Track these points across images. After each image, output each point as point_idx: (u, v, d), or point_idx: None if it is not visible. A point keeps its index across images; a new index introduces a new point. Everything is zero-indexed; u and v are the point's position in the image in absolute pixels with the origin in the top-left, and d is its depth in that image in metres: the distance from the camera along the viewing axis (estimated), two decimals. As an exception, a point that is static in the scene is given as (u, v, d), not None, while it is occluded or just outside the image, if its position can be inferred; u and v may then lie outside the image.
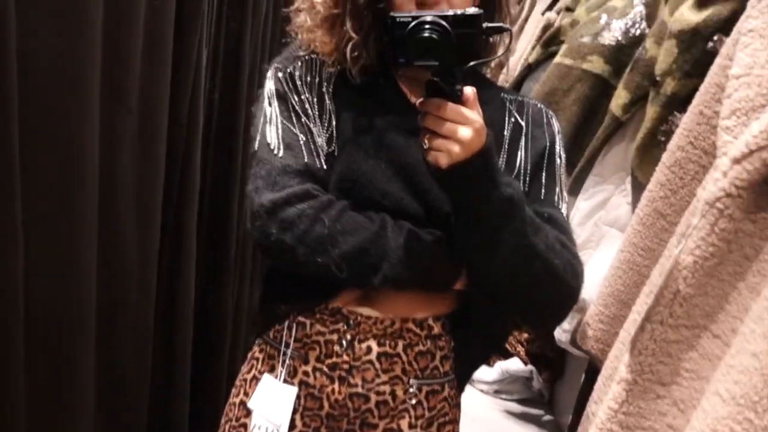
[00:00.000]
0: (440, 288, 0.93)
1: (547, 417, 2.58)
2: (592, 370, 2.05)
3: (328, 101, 0.94)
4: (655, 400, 0.72)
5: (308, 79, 0.95)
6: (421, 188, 0.90)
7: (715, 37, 1.04)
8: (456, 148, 0.77)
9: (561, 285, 0.89)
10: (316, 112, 0.94)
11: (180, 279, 1.43)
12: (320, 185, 0.90)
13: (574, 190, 1.39)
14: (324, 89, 0.95)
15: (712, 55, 0.96)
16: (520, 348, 2.71)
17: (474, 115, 0.77)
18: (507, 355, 2.74)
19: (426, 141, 0.79)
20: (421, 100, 0.79)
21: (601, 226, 1.34)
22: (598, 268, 1.36)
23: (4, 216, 0.87)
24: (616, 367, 0.87)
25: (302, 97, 0.94)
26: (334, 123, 0.93)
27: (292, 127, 0.92)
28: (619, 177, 1.31)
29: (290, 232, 0.86)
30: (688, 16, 1.08)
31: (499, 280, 0.90)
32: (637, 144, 1.19)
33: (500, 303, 0.95)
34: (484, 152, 0.79)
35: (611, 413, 0.75)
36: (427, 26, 0.74)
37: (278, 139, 0.91)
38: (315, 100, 0.94)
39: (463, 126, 0.76)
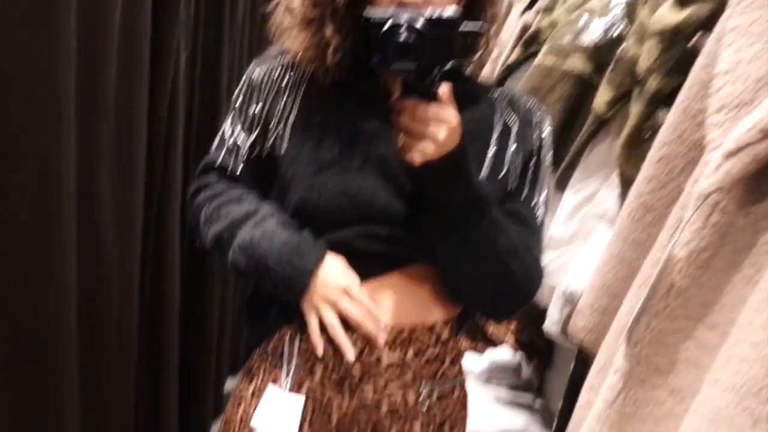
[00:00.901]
0: (280, 287, 0.90)
1: (538, 403, 2.63)
2: (583, 357, 2.09)
3: (298, 101, 0.94)
4: (652, 389, 0.75)
5: (284, 78, 0.96)
6: (399, 182, 0.90)
7: (697, 35, 1.07)
8: (429, 147, 0.78)
9: (515, 288, 0.92)
10: (280, 113, 0.95)
11: (164, 282, 1.43)
12: (237, 180, 0.97)
13: (561, 185, 1.42)
14: (298, 89, 0.95)
15: (694, 53, 0.98)
16: (509, 337, 2.75)
17: (449, 114, 0.78)
18: (496, 345, 2.78)
19: (401, 138, 0.79)
20: (395, 98, 0.79)
21: (588, 219, 1.36)
22: (586, 262, 1.39)
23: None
24: (610, 358, 0.90)
25: (265, 97, 0.95)
26: (301, 122, 0.94)
27: (235, 127, 0.97)
28: (605, 173, 1.34)
29: (195, 218, 0.98)
30: (668, 15, 1.11)
31: (457, 274, 0.91)
32: (623, 141, 1.22)
33: (460, 292, 0.96)
34: (457, 152, 0.80)
35: (608, 402, 0.77)
36: (401, 30, 0.72)
37: (221, 133, 0.99)
38: (285, 99, 0.95)
39: (437, 125, 0.77)
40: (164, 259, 1.42)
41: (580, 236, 1.38)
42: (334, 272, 0.88)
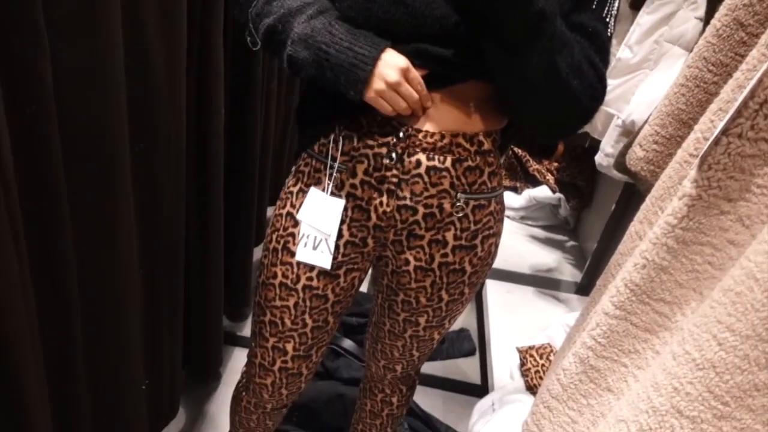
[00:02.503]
0: (350, 85, 0.86)
1: (571, 243, 2.66)
2: (624, 199, 2.06)
3: None
4: (718, 216, 0.70)
5: None
6: None
7: None
8: None
9: (575, 106, 0.87)
10: None
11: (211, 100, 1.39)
12: None
13: (637, 4, 1.27)
14: None
15: None
16: (549, 176, 2.72)
17: None
18: (535, 183, 2.76)
19: None
20: None
21: (662, 43, 1.24)
22: (653, 89, 1.29)
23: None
24: (671, 186, 0.85)
25: None
26: None
27: None
28: (691, -13, 1.19)
29: (243, 9, 0.94)
30: None
31: (514, 91, 0.87)
32: (720, -54, 1.06)
33: (516, 109, 0.94)
34: None
35: (669, 228, 0.73)
36: None
37: None
38: None
39: None
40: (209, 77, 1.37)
41: (650, 61, 1.27)
42: (393, 58, 0.85)
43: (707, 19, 1.08)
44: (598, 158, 1.54)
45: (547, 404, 0.89)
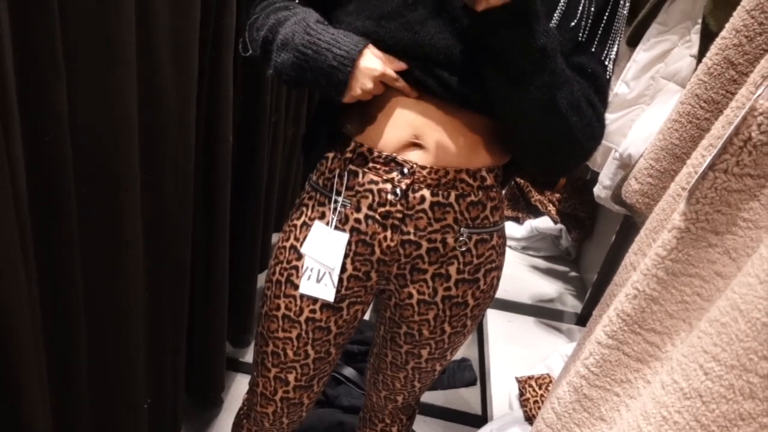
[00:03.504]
0: (331, 87, 0.88)
1: (573, 273, 2.67)
2: (624, 230, 2.08)
3: None
4: (706, 248, 0.72)
5: None
6: (461, 27, 0.86)
7: None
8: None
9: (573, 144, 0.89)
10: None
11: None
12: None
13: (634, 41, 1.31)
14: None
15: None
16: (551, 207, 2.74)
17: None
18: (537, 214, 2.78)
19: None
20: None
21: (658, 79, 1.27)
22: (649, 124, 1.32)
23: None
24: (664, 218, 0.88)
25: None
26: None
27: None
28: (685, 27, 1.23)
29: (249, 32, 0.98)
30: None
31: (514, 125, 0.89)
32: (712, -12, 1.09)
33: (516, 145, 0.96)
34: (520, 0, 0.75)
35: (659, 260, 0.75)
36: None
37: None
38: None
39: None
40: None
41: (646, 96, 1.30)
42: (369, 63, 0.86)
43: (700, 58, 1.11)
44: (597, 190, 1.56)
45: (541, 433, 0.90)
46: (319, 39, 0.85)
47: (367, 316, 2.44)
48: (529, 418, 1.60)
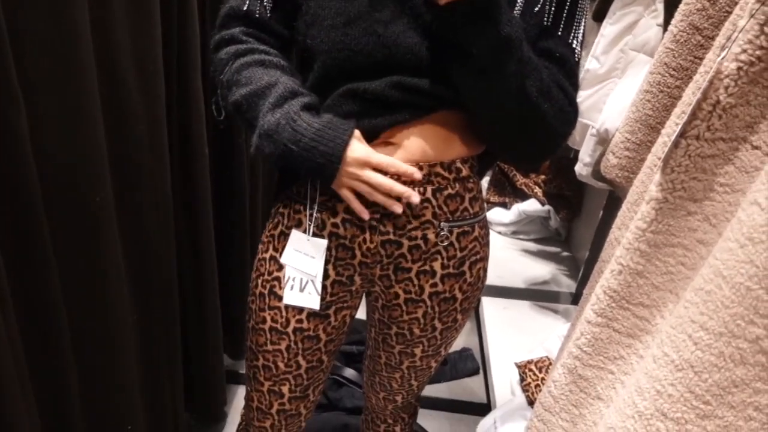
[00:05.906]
0: (321, 179, 0.90)
1: (565, 253, 2.67)
2: (611, 205, 2.08)
3: None
4: (685, 216, 0.72)
5: None
6: (425, 24, 0.85)
7: None
8: None
9: (547, 130, 0.88)
10: None
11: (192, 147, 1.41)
12: (263, 27, 0.95)
13: (599, 15, 1.30)
14: None
15: None
16: (537, 189, 2.74)
17: None
18: (524, 197, 2.78)
19: None
20: None
21: (627, 51, 1.27)
22: (623, 97, 1.31)
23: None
24: (644, 190, 0.87)
25: None
26: None
27: None
28: (649, -2, 1.22)
29: (216, 73, 0.95)
30: None
31: (486, 116, 0.88)
32: (671, -45, 1.09)
33: (490, 136, 0.95)
34: None
35: (639, 233, 0.75)
36: None
37: None
38: None
39: None
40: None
41: (617, 70, 1.29)
42: (355, 153, 0.87)
43: (666, 26, 1.10)
44: (578, 168, 1.56)
45: (541, 418, 0.90)
46: (304, 134, 0.84)
47: (364, 316, 2.43)
48: (532, 403, 1.60)
